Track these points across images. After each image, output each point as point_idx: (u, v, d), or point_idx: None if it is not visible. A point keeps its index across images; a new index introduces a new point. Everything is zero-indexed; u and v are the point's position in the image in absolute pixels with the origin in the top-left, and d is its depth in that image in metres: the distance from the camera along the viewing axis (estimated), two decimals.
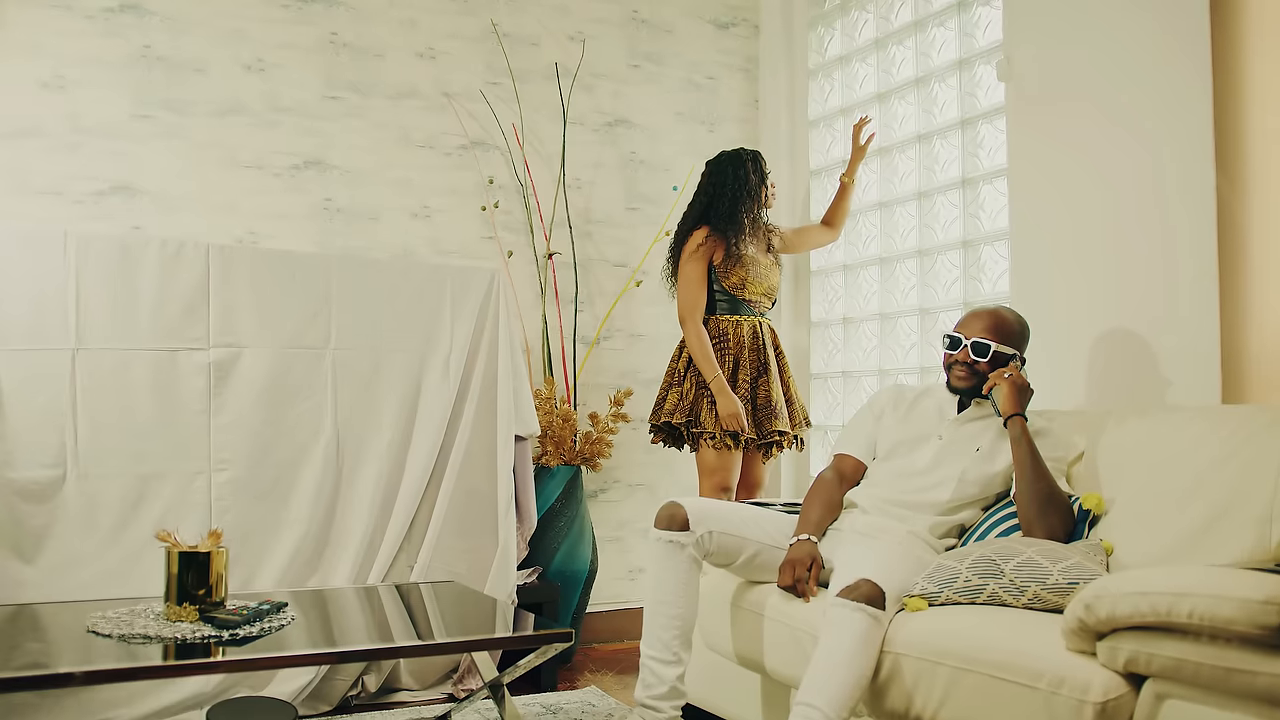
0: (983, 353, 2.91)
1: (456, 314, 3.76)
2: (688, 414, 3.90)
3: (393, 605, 3.06)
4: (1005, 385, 2.84)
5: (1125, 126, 3.16)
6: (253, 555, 3.40)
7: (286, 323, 3.52)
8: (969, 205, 3.86)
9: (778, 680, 2.85)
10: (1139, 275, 3.12)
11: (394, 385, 3.65)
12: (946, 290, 4.00)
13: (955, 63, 3.95)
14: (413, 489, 3.62)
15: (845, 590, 2.47)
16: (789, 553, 2.86)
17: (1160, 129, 3.06)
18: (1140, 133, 3.11)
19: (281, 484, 3.47)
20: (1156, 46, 3.07)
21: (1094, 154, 3.25)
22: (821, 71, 4.74)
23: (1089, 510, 2.71)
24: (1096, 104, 3.24)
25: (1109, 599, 1.99)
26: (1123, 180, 3.16)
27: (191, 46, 4.01)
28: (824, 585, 2.82)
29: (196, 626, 2.48)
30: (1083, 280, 3.28)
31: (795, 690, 2.60)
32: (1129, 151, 3.14)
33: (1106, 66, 3.22)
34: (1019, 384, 2.84)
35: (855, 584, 2.47)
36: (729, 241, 3.90)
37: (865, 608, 2.42)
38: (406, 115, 4.33)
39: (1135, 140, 3.12)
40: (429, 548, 3.60)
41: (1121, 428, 2.86)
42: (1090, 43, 3.26)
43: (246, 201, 4.06)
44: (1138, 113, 3.12)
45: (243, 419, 3.43)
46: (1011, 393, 2.83)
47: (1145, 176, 3.10)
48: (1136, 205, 3.13)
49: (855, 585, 2.47)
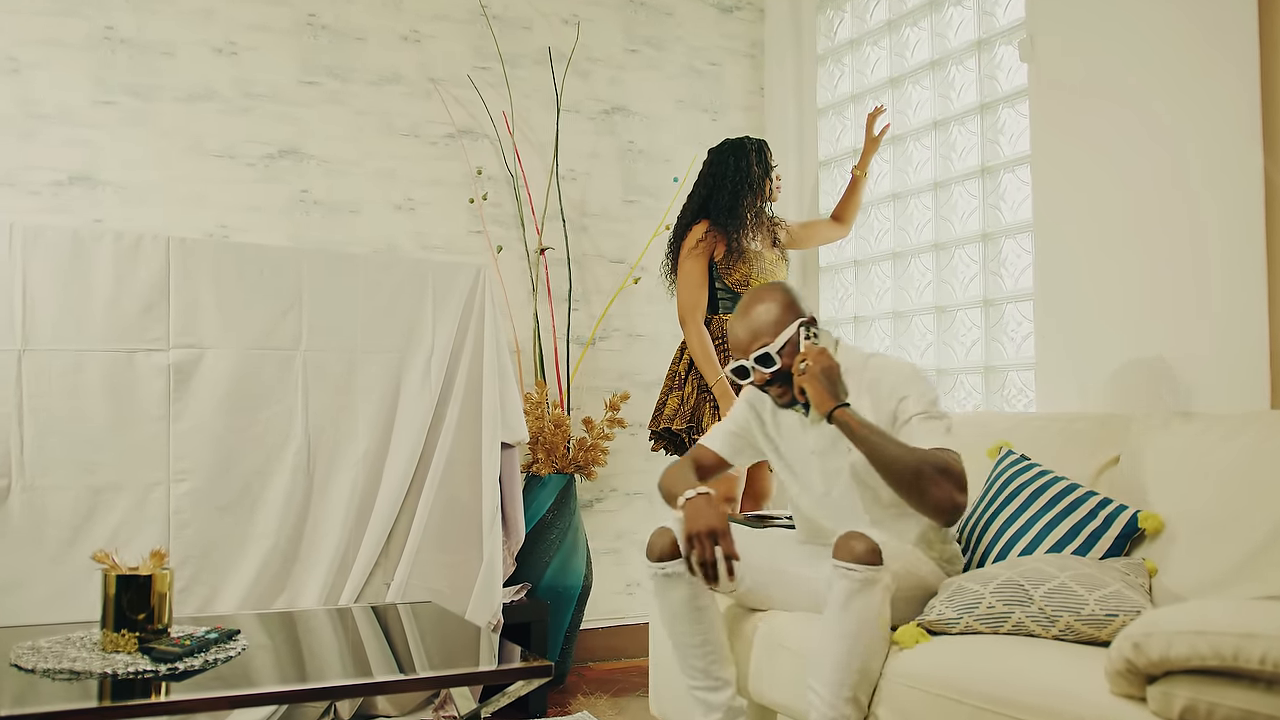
0: (769, 362, 2.56)
1: (439, 312, 3.55)
2: (689, 419, 3.74)
3: (364, 630, 2.82)
4: (808, 384, 2.47)
5: (1161, 108, 2.95)
6: (215, 573, 3.19)
7: (253, 322, 3.31)
8: (989, 196, 3.69)
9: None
10: (1174, 269, 2.92)
11: (370, 389, 3.45)
12: (965, 287, 3.82)
13: (974, 43, 3.77)
14: (390, 500, 3.41)
15: (835, 549, 2.21)
16: (686, 523, 2.46)
17: (1201, 110, 2.85)
18: (1178, 114, 2.90)
19: (247, 496, 3.26)
20: (1198, 19, 2.86)
21: (1125, 139, 3.05)
22: (831, 56, 4.57)
23: (1142, 529, 2.45)
24: (1128, 84, 3.04)
25: (1162, 637, 1.72)
26: (1157, 166, 2.96)
27: (157, 27, 3.80)
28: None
29: (132, 659, 2.23)
30: (1113, 274, 3.09)
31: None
32: (1164, 135, 2.94)
33: (1139, 43, 3.01)
34: (819, 370, 2.46)
35: (844, 540, 2.20)
36: (730, 236, 3.73)
37: (855, 568, 2.16)
38: (389, 102, 4.14)
39: (1171, 122, 2.92)
40: (407, 564, 3.39)
41: (1161, 434, 2.62)
42: (1121, 18, 3.07)
43: (216, 193, 3.86)
44: (1175, 93, 2.91)
45: (205, 425, 3.22)
46: (817, 389, 2.45)
47: (1182, 161, 2.90)
48: (1172, 193, 2.93)
49: (844, 542, 2.20)
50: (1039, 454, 2.82)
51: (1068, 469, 2.72)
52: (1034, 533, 2.58)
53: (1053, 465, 2.74)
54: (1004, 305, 3.62)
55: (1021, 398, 3.58)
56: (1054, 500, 2.61)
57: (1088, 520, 2.53)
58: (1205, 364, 2.83)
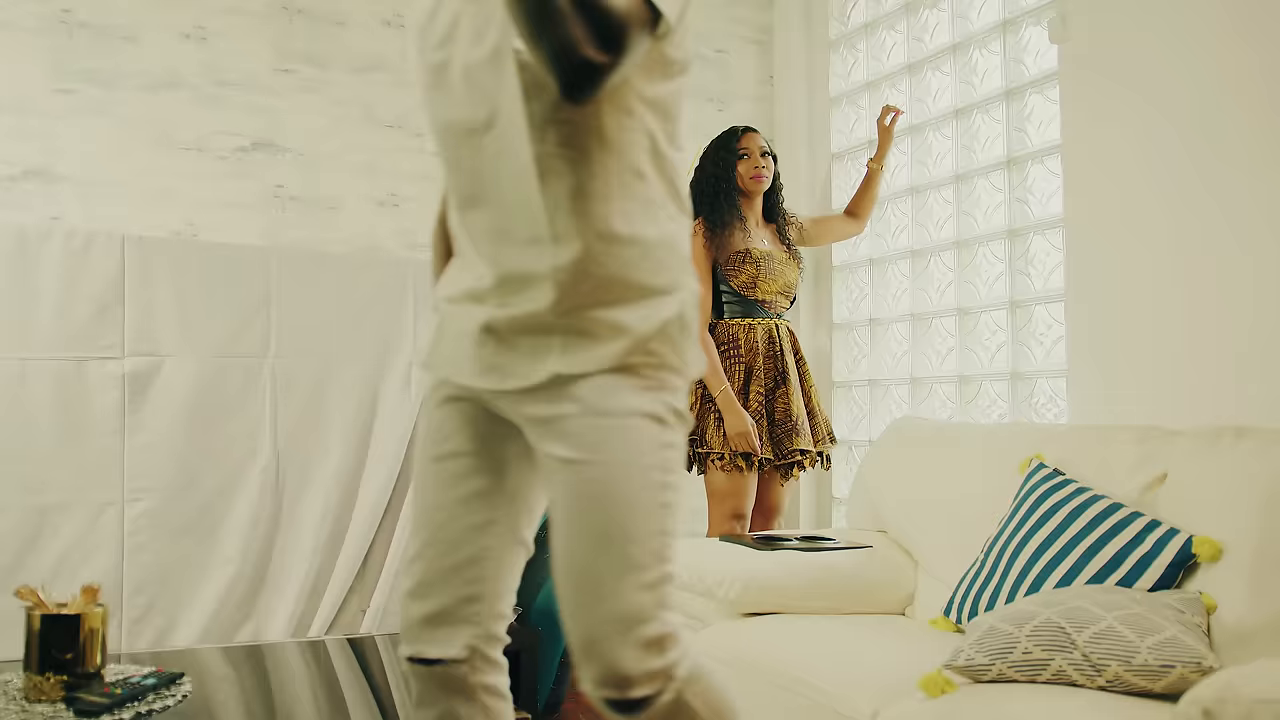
0: None
1: (421, 315, 3.39)
2: (692, 432, 3.47)
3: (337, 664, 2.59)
4: None
5: (1206, 91, 2.75)
6: (173, 602, 3.02)
7: (217, 327, 3.16)
8: (1015, 189, 3.53)
9: None
10: (1221, 267, 2.73)
11: (345, 399, 3.29)
12: (989, 287, 3.63)
13: (999, 24, 3.60)
14: (366, 520, 3.25)
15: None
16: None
17: (1258, 91, 2.64)
18: (1225, 98, 2.71)
19: (209, 516, 3.10)
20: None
21: (1166, 124, 2.87)
22: (844, 41, 4.42)
23: (1196, 556, 2.19)
24: (1169, 65, 2.86)
25: (1240, 706, 1.45)
26: (1201, 156, 2.77)
27: (119, 10, 3.60)
28: None
29: (54, 710, 1.99)
30: (1152, 273, 2.91)
31: None
32: (1209, 120, 2.75)
33: (1183, 21, 2.82)
34: None
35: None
36: (715, 234, 3.61)
37: None
38: (371, 90, 3.94)
39: (1219, 106, 2.72)
40: (385, 589, 3.22)
41: (1214, 451, 2.36)
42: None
43: (184, 188, 3.66)
44: (1221, 75, 2.71)
45: (163, 440, 3.07)
46: None
47: (1229, 150, 2.71)
48: (1218, 184, 2.73)
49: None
50: (1075, 468, 2.58)
51: (1108, 486, 2.48)
52: (1072, 560, 2.33)
53: (1091, 482, 2.50)
54: (1032, 307, 3.45)
55: (1051, 407, 3.38)
56: (1094, 522, 2.35)
57: (1133, 545, 2.27)
58: (1256, 373, 2.63)
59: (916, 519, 2.97)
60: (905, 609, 2.90)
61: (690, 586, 2.81)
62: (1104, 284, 3.04)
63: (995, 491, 2.70)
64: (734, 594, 2.69)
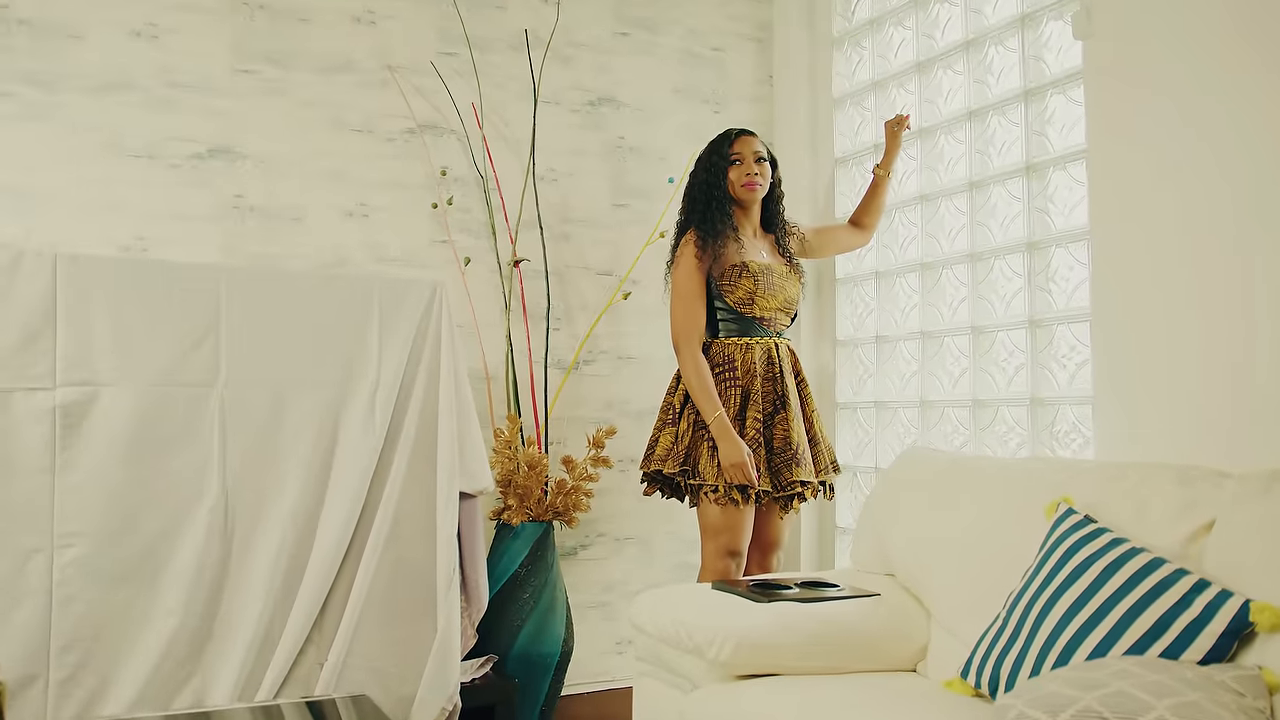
0: None
1: (386, 338, 3.14)
2: (682, 461, 3.38)
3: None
4: None
5: (1247, 89, 2.61)
6: (106, 659, 2.74)
7: (160, 353, 2.90)
8: (1035, 198, 3.39)
9: None
10: (1271, 285, 2.58)
11: (302, 431, 3.04)
12: (1006, 304, 3.47)
13: (1017, 19, 3.47)
14: (325, 564, 2.99)
15: None
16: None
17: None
18: (1275, 92, 2.56)
19: (149, 563, 2.83)
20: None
21: (1202, 127, 2.74)
22: (848, 39, 4.30)
23: (1253, 624, 1.94)
24: (1204, 63, 2.74)
25: None
26: (1242, 160, 2.64)
27: (62, 6, 3.40)
28: None
29: None
30: (1188, 292, 2.78)
31: None
32: (1250, 123, 2.61)
33: (1221, 14, 2.69)
34: None
35: None
36: (708, 245, 3.44)
37: None
38: (338, 93, 3.76)
39: (1264, 103, 2.58)
40: (345, 640, 2.96)
41: (1269, 496, 2.14)
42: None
43: (134, 200, 3.46)
44: (1270, 68, 2.56)
45: (99, 479, 2.79)
46: None
47: (1276, 155, 2.56)
48: (1261, 189, 2.60)
49: None
50: (1108, 513, 2.37)
51: (1147, 536, 2.26)
52: (1109, 625, 2.08)
53: (1127, 530, 2.29)
54: (1054, 326, 3.28)
55: (1076, 436, 3.18)
56: (1134, 579, 2.11)
57: (1179, 609, 2.02)
58: None
59: (928, 562, 2.80)
60: (917, 664, 2.72)
61: (678, 643, 2.62)
62: (1134, 303, 2.90)
63: (1016, 536, 2.51)
64: (725, 654, 2.48)
